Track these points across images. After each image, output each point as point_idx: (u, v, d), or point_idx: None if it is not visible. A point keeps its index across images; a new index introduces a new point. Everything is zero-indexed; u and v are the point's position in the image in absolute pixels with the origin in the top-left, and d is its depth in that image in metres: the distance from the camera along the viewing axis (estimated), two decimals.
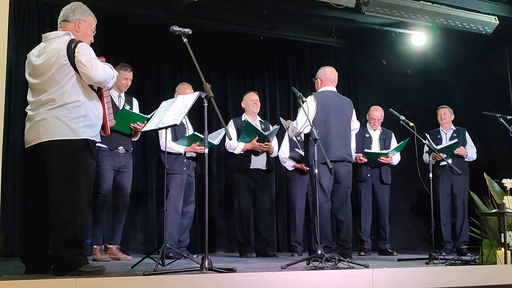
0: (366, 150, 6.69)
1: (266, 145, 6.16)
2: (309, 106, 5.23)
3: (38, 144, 3.60)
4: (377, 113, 6.89)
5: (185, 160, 5.78)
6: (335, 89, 5.61)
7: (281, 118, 6.95)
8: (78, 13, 3.80)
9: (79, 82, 3.62)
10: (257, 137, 6.10)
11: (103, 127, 3.86)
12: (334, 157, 5.24)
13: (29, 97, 3.72)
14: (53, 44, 3.66)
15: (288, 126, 5.59)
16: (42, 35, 3.83)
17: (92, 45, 3.85)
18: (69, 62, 3.57)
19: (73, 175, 3.54)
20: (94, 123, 3.69)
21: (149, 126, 4.68)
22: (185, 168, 5.78)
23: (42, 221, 3.63)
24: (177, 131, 5.65)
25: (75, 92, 3.60)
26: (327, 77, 5.57)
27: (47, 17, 6.44)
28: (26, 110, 3.75)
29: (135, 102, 5.80)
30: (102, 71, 3.62)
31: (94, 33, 3.92)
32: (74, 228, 3.49)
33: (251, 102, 6.36)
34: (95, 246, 5.42)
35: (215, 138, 5.74)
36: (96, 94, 3.74)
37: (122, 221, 5.64)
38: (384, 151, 6.70)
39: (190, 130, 5.87)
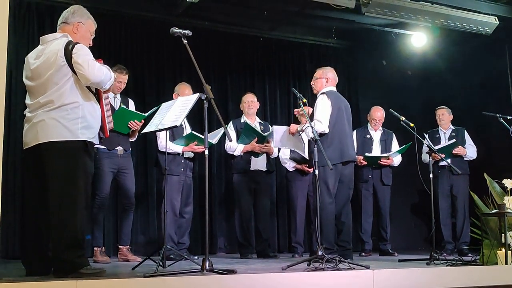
0: (367, 154, 6.68)
1: (265, 146, 6.16)
2: (325, 104, 5.22)
3: (36, 146, 3.60)
4: (378, 113, 6.88)
5: (182, 161, 5.78)
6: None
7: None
8: (77, 16, 3.81)
9: (76, 84, 3.62)
10: (256, 138, 6.10)
11: (102, 129, 3.86)
12: (348, 157, 5.27)
13: (27, 100, 3.73)
14: (50, 46, 3.67)
15: (302, 129, 5.27)
16: (40, 38, 3.83)
17: (93, 46, 3.86)
18: (66, 63, 3.58)
19: (71, 176, 3.55)
20: (92, 125, 3.69)
21: (149, 128, 4.68)
22: (182, 169, 5.77)
23: (42, 223, 3.63)
24: (174, 131, 5.62)
25: (73, 94, 3.60)
26: (333, 77, 5.57)
27: (47, 19, 6.45)
28: (24, 113, 3.75)
29: (131, 102, 5.80)
30: (99, 71, 3.62)
31: (93, 36, 3.92)
32: (74, 229, 3.49)
33: (246, 104, 6.38)
34: (95, 248, 5.42)
35: (213, 137, 5.72)
36: (94, 96, 3.74)
37: (130, 222, 5.65)
38: (385, 154, 6.69)
39: (188, 130, 5.86)
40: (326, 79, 5.54)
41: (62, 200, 3.50)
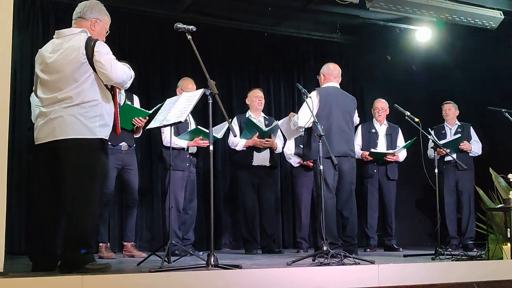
0: (372, 150, 6.66)
1: (267, 141, 6.15)
2: (312, 101, 5.24)
3: (51, 142, 3.56)
4: (380, 103, 6.89)
5: (187, 156, 5.78)
6: (338, 85, 5.60)
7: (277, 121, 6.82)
8: (95, 12, 3.77)
9: (96, 81, 3.59)
10: (257, 133, 6.10)
11: (114, 126, 3.84)
12: (336, 153, 5.22)
13: (40, 94, 3.66)
14: (70, 42, 3.61)
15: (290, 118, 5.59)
16: (56, 31, 3.76)
17: None
18: (87, 60, 3.54)
19: (88, 174, 3.53)
20: (107, 123, 3.67)
21: (154, 124, 4.68)
22: (187, 164, 5.78)
23: (50, 219, 3.63)
24: (179, 126, 5.60)
25: (92, 91, 3.57)
26: (330, 73, 5.57)
27: (51, 16, 6.44)
28: (36, 107, 3.71)
29: (135, 98, 5.77)
30: (121, 71, 3.61)
31: (108, 33, 3.90)
32: (85, 226, 3.49)
33: (256, 99, 6.37)
34: (100, 244, 5.43)
35: (218, 131, 5.71)
36: (110, 94, 3.72)
37: (134, 218, 5.66)
38: (391, 151, 6.67)
39: (192, 125, 5.85)
40: (320, 76, 5.60)
41: (77, 197, 3.49)
